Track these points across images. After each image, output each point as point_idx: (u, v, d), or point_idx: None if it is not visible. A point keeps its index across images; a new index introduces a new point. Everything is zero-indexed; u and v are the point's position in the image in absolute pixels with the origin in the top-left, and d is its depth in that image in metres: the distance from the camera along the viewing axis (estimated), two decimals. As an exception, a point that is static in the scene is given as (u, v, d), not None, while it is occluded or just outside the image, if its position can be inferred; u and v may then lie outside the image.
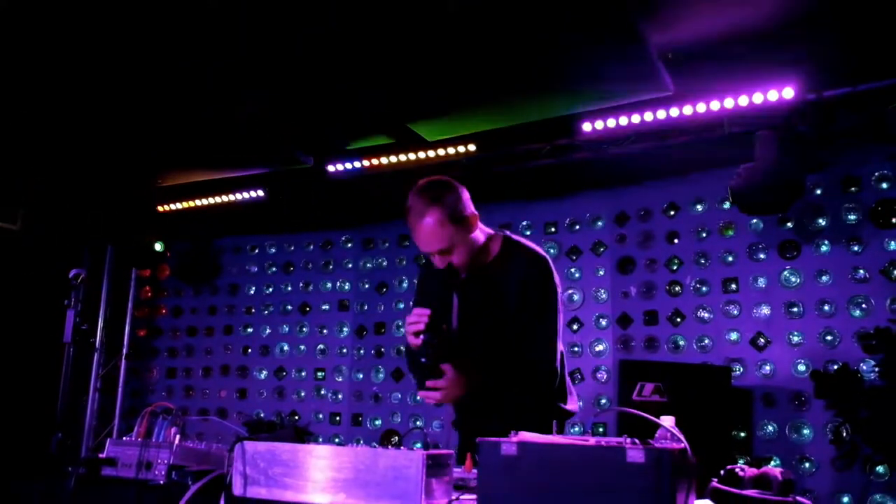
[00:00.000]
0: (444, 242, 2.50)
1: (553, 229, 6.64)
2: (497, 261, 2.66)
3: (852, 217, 5.43)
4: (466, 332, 2.67)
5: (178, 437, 2.80)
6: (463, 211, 2.53)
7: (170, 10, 4.18)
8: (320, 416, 7.46)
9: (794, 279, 5.58)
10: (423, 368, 2.46)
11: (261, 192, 7.20)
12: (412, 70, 4.92)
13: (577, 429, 6.15)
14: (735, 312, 5.77)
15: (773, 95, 4.96)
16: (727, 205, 5.81)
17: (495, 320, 2.63)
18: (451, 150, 6.11)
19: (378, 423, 7.19)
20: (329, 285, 7.72)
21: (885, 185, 5.35)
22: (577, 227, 6.55)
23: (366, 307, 7.51)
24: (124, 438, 2.90)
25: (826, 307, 5.42)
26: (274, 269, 8.01)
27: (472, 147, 6.05)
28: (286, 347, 7.79)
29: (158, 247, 7.75)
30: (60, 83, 5.19)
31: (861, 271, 5.33)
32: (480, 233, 2.65)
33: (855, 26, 4.48)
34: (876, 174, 5.37)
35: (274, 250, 8.05)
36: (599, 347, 6.28)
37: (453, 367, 2.45)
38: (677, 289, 6.03)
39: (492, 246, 2.68)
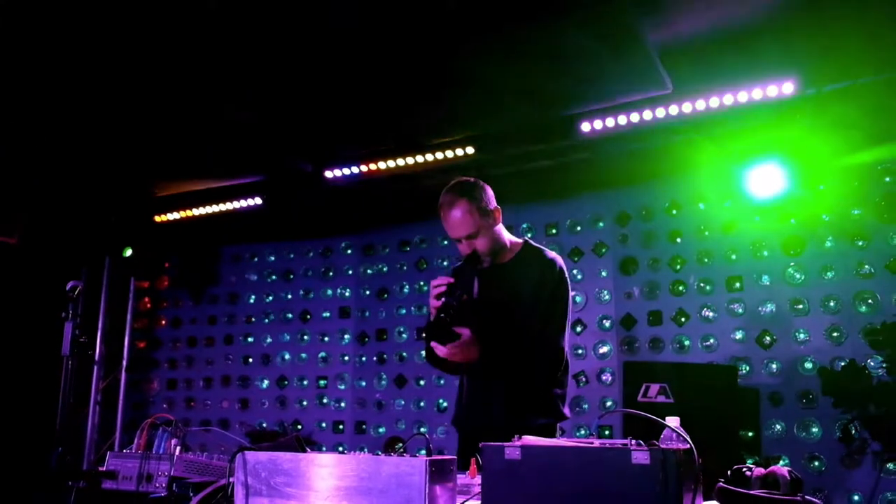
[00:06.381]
0: (470, 229, 2.91)
1: (554, 231, 6.60)
2: (516, 260, 3.04)
3: (856, 212, 5.39)
4: (483, 312, 2.93)
5: (178, 448, 2.78)
6: (487, 204, 2.95)
7: (166, 17, 4.16)
8: (323, 424, 7.41)
9: (798, 276, 5.54)
10: (441, 325, 2.68)
11: (259, 200, 7.17)
12: (408, 72, 4.90)
13: (582, 431, 6.10)
14: (740, 311, 5.72)
15: (772, 91, 4.93)
16: (729, 202, 5.78)
17: (510, 308, 2.94)
18: (449, 153, 6.07)
19: (382, 430, 7.14)
20: (329, 292, 7.68)
21: (888, 179, 5.31)
22: (579, 228, 6.51)
23: (367, 314, 7.46)
24: (125, 451, 2.88)
25: (831, 303, 5.37)
26: (274, 277, 7.96)
27: (470, 149, 6.02)
28: (287, 356, 7.74)
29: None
30: (56, 95, 5.17)
31: (866, 266, 5.29)
32: (504, 233, 3.05)
33: (852, 20, 4.45)
34: (879, 168, 5.34)
35: (273, 258, 8.01)
36: (603, 349, 6.23)
37: (470, 331, 2.75)
38: (681, 288, 5.98)
39: (513, 248, 3.07)
